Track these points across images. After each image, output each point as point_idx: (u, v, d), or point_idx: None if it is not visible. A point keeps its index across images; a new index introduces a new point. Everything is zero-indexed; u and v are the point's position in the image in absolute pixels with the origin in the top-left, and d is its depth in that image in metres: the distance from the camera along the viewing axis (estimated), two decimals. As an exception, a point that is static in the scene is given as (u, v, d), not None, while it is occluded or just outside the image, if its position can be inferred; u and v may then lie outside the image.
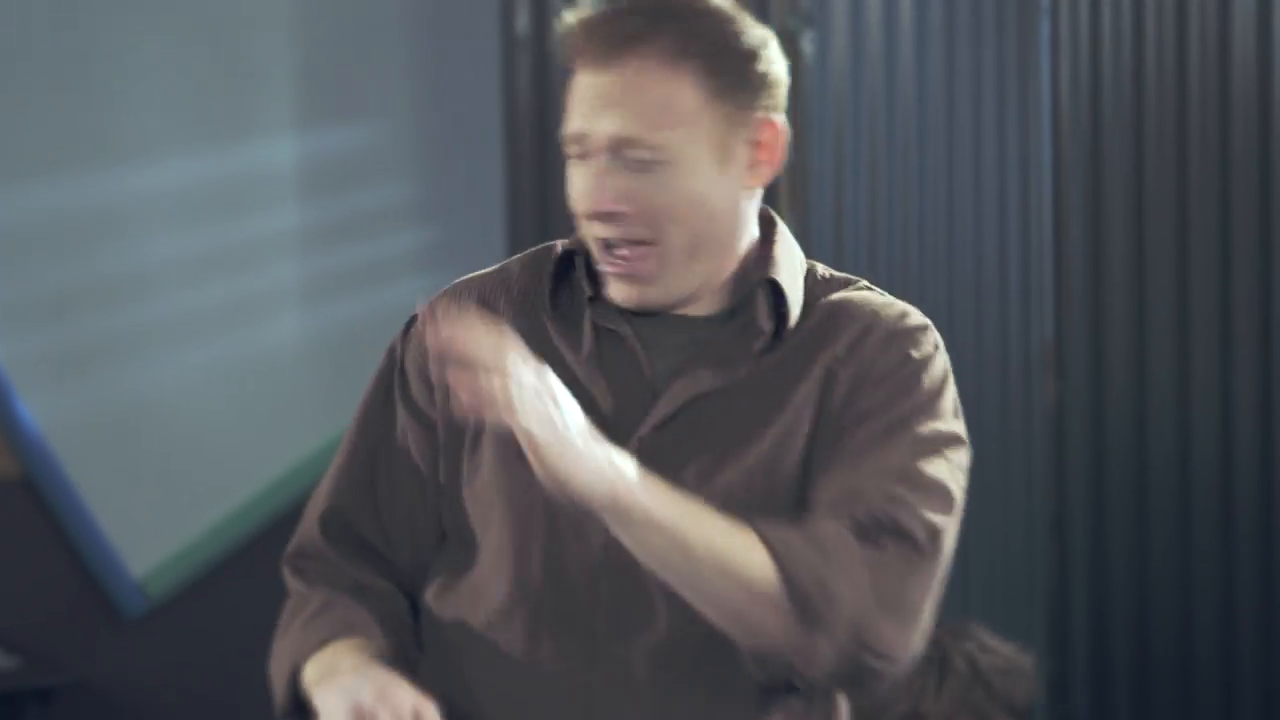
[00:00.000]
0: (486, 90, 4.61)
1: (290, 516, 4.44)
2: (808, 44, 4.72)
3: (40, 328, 4.35)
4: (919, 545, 1.87)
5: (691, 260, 1.93)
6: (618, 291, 1.94)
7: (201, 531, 4.45)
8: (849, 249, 4.73)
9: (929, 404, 1.94)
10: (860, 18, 4.76)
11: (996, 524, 4.79)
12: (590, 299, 1.97)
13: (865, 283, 2.03)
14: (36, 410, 4.32)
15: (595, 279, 1.97)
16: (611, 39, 1.89)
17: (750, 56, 1.93)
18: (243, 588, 4.48)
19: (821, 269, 2.04)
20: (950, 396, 1.97)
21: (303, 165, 4.55)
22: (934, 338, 1.99)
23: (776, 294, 1.96)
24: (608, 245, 1.92)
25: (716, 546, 1.82)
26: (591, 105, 1.89)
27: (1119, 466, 4.73)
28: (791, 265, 1.99)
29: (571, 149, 1.91)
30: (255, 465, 4.52)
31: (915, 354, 1.96)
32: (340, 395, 4.64)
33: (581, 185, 1.91)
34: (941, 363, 1.98)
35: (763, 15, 4.64)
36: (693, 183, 1.90)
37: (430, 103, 4.67)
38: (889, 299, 2.02)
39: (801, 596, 1.82)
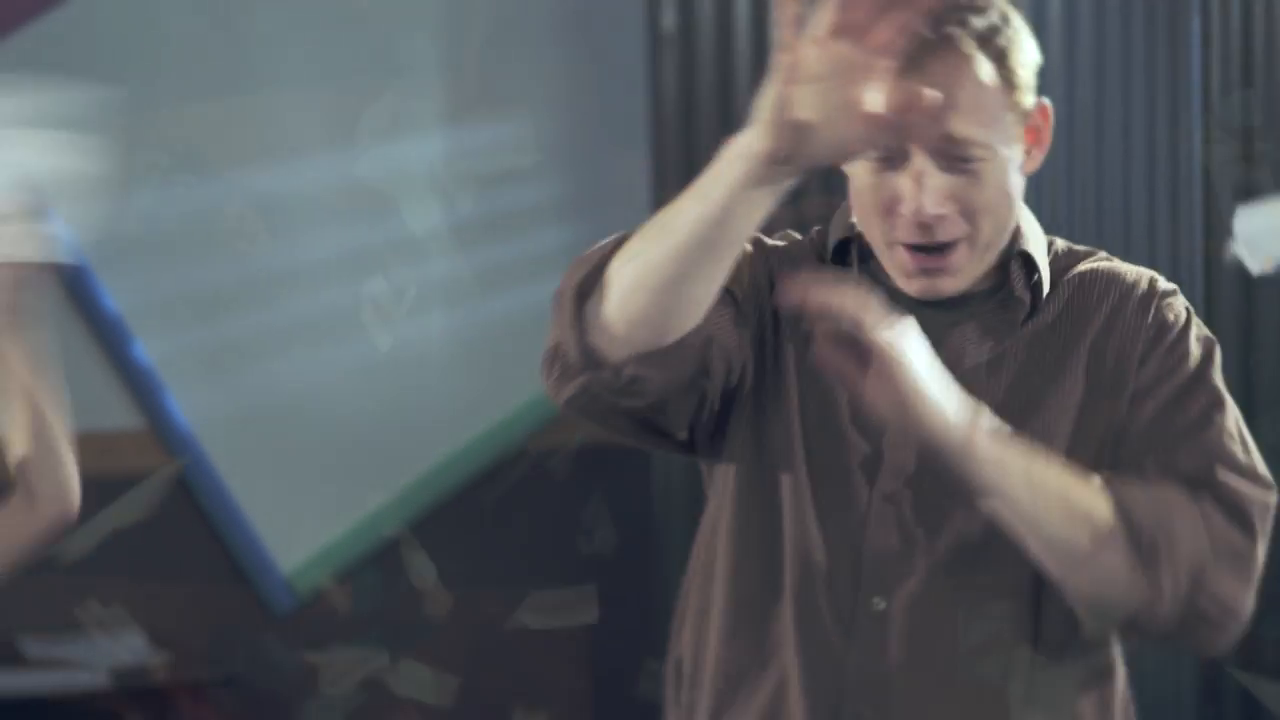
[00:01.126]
0: (633, 87, 4.60)
1: (436, 513, 4.50)
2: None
3: (191, 325, 4.39)
4: (1246, 515, 1.97)
5: (991, 250, 2.00)
6: (915, 285, 1.99)
7: (350, 528, 4.47)
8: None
9: (1199, 372, 2.03)
10: (1008, 13, 4.72)
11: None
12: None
13: (1104, 254, 2.09)
14: (187, 407, 4.36)
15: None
16: (917, 41, 1.90)
17: (1017, 42, 1.98)
18: (391, 585, 4.51)
19: (1060, 242, 2.10)
20: (1215, 358, 2.04)
21: (450, 162, 4.57)
22: (1183, 301, 2.06)
23: (1029, 265, 2.03)
24: (915, 248, 1.97)
25: (1063, 489, 1.91)
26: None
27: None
28: (1037, 237, 2.06)
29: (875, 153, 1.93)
30: (402, 462, 4.55)
31: (1171, 318, 2.03)
32: (487, 392, 4.67)
33: (898, 190, 1.95)
34: (1196, 324, 2.05)
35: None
36: (1004, 176, 1.97)
37: (577, 99, 4.67)
38: (1132, 267, 2.09)
39: (1144, 540, 1.90)
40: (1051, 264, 2.06)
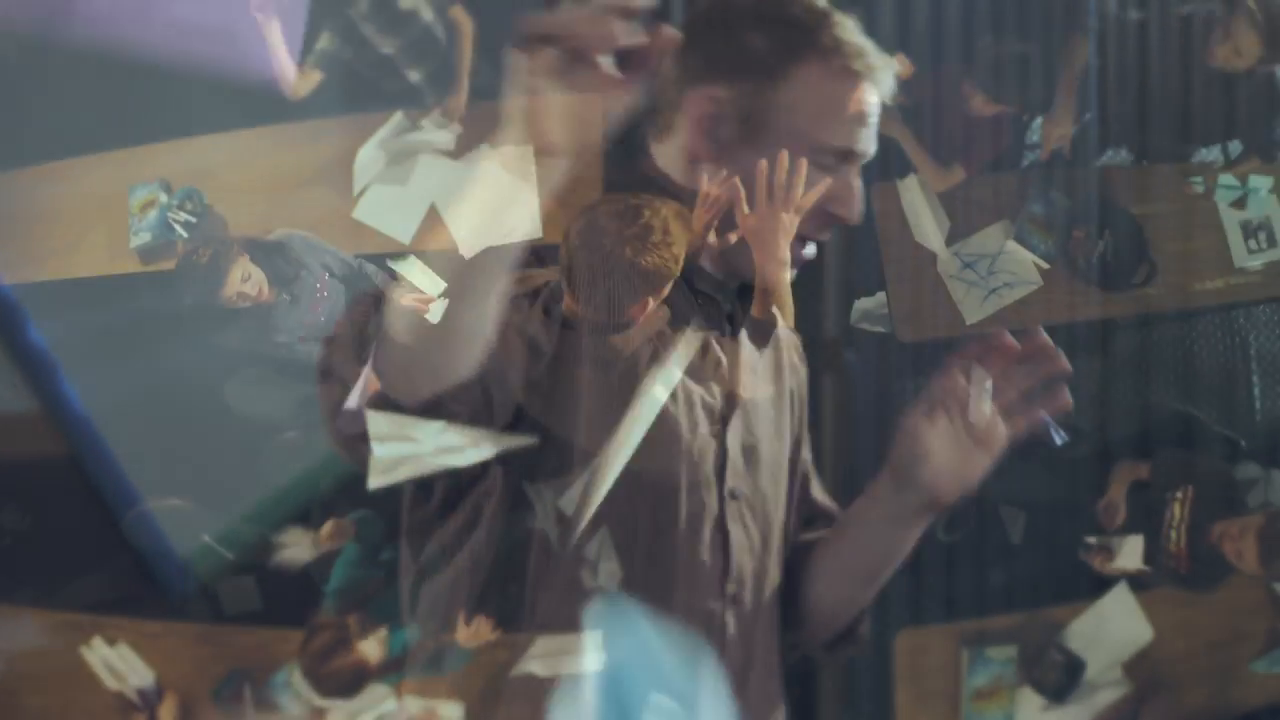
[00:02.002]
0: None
1: (332, 499, 4.47)
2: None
3: (87, 308, 4.36)
4: None
5: None
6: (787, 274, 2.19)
7: (246, 512, 4.45)
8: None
9: None
10: (907, -1, 4.74)
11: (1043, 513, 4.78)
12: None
13: None
14: (83, 390, 4.33)
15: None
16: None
17: None
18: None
19: None
20: None
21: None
22: None
23: None
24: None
25: None
26: (871, 127, 2.12)
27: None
28: None
29: (827, 159, 2.08)
30: (299, 447, 4.53)
31: None
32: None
33: (854, 193, 2.13)
34: None
35: (809, -4, 4.61)
36: None
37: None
38: None
39: None
40: None
